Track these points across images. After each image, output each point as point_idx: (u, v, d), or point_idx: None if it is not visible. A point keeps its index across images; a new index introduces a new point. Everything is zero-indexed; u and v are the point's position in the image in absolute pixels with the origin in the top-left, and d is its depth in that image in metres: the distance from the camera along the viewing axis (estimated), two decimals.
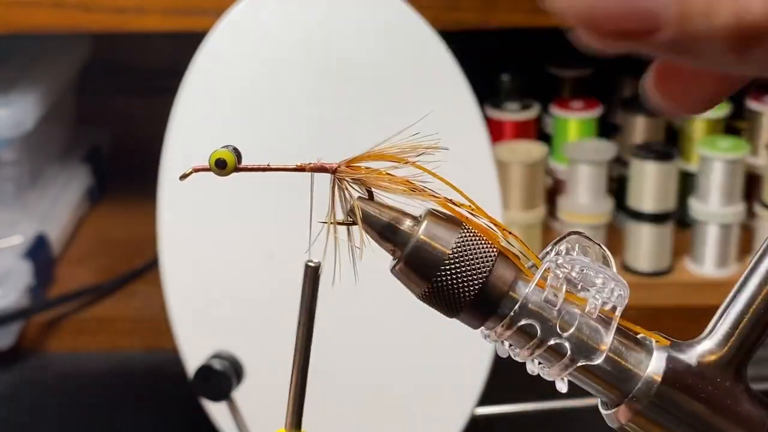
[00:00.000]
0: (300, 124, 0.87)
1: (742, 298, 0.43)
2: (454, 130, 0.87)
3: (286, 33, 0.87)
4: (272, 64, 0.87)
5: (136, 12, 0.99)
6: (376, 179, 0.42)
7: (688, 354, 0.42)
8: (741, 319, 0.42)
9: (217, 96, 0.87)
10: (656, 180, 1.11)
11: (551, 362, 0.42)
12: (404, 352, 0.89)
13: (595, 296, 0.42)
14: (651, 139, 1.18)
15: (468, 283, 0.41)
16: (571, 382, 0.43)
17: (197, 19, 0.98)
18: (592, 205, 1.14)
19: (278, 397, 0.46)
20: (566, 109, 1.19)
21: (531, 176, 1.13)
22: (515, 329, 0.42)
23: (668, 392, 0.42)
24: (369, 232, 0.43)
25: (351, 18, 0.87)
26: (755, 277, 0.43)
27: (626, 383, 0.42)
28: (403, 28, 0.88)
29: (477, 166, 0.88)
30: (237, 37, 0.87)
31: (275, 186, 0.84)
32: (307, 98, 0.87)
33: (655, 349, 0.43)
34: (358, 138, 0.83)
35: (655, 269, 1.13)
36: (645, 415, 0.42)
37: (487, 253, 0.42)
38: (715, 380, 0.42)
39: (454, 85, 0.88)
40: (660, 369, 0.42)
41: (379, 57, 0.88)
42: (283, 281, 0.84)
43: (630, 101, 1.21)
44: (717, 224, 1.12)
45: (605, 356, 0.42)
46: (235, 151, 0.43)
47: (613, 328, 0.42)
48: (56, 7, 0.98)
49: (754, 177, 1.18)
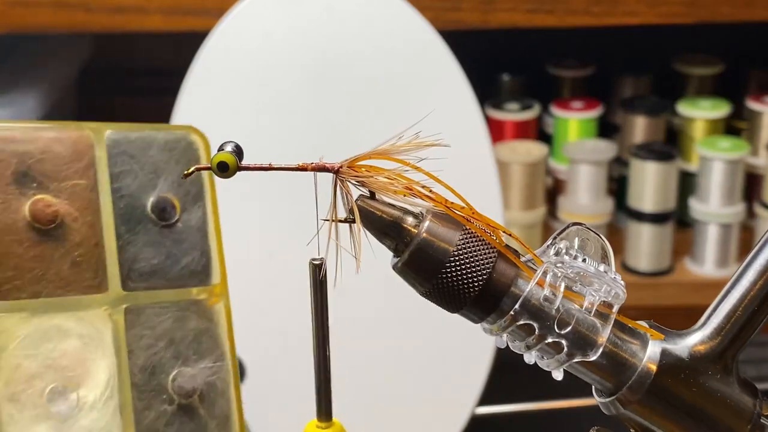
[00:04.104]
0: (301, 124, 0.87)
1: (735, 292, 0.45)
2: (454, 130, 0.87)
3: (286, 33, 0.87)
4: (273, 64, 0.87)
5: (137, 12, 0.99)
6: (376, 180, 0.42)
7: (681, 345, 0.44)
8: (734, 313, 0.44)
9: (218, 96, 0.87)
10: (656, 180, 1.11)
11: (549, 355, 0.43)
12: (404, 352, 0.90)
13: (592, 293, 0.43)
14: (651, 139, 1.18)
15: (471, 280, 0.42)
16: (569, 374, 0.44)
17: (198, 19, 0.98)
18: (592, 205, 1.15)
19: (280, 396, 0.47)
20: (566, 109, 1.19)
21: (531, 176, 1.13)
22: (516, 326, 0.43)
23: (663, 381, 0.43)
24: (370, 230, 0.43)
25: (352, 18, 0.88)
26: (749, 273, 0.45)
27: (622, 373, 0.44)
28: (404, 28, 0.88)
29: (477, 166, 0.88)
30: (238, 38, 0.87)
31: (275, 186, 0.84)
32: (307, 98, 0.87)
33: (650, 340, 0.44)
34: (358, 138, 0.83)
35: (655, 269, 1.13)
36: (641, 403, 0.44)
37: (489, 250, 0.42)
38: (707, 369, 0.44)
39: (454, 85, 0.88)
40: (655, 359, 0.44)
41: (379, 57, 0.88)
42: (284, 281, 0.84)
43: (630, 101, 1.21)
44: (717, 224, 1.12)
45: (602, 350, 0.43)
46: (237, 148, 0.43)
47: (609, 325, 0.43)
48: (57, 6, 0.98)
49: (754, 177, 1.18)
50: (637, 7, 1.02)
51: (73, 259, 0.59)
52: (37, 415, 0.57)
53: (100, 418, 0.59)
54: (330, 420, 0.48)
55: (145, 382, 0.60)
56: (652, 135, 1.18)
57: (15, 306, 0.57)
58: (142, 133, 0.61)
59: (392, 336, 0.89)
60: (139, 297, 0.60)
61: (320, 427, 0.48)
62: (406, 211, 0.43)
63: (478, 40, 1.07)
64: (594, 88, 1.26)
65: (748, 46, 1.26)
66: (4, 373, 0.57)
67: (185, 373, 0.61)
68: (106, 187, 0.60)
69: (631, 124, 1.19)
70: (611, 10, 1.02)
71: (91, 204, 0.60)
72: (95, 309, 0.59)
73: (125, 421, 0.59)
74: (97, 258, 0.59)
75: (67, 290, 0.58)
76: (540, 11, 1.01)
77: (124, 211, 0.60)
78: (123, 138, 0.61)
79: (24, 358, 0.57)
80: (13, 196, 0.58)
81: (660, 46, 1.27)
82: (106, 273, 0.60)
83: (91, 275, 0.59)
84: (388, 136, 0.43)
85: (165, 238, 0.61)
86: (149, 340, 0.60)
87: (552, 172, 1.22)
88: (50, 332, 0.58)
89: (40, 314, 0.58)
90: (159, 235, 0.61)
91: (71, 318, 0.58)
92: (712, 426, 0.44)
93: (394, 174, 0.42)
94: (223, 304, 0.62)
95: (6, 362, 0.57)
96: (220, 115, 0.87)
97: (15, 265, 0.57)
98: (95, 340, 0.59)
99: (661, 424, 0.44)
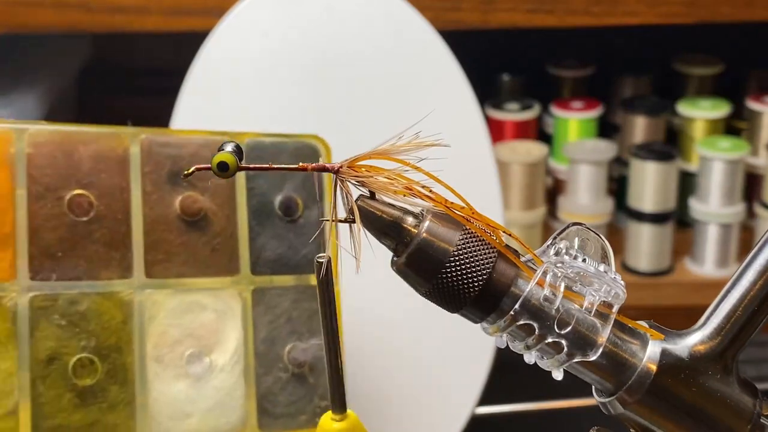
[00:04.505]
0: (301, 124, 0.87)
1: (735, 292, 0.45)
2: (454, 130, 0.87)
3: (286, 33, 0.87)
4: (273, 64, 0.87)
5: (137, 12, 0.99)
6: (376, 180, 0.42)
7: (681, 345, 0.44)
8: (734, 313, 0.44)
9: (218, 96, 0.87)
10: (656, 180, 1.11)
11: (549, 355, 0.43)
12: (404, 352, 0.90)
13: (592, 293, 0.43)
14: (651, 139, 1.18)
15: (471, 280, 0.42)
16: (569, 374, 0.44)
17: (198, 19, 0.98)
18: (592, 205, 1.15)
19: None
20: (566, 109, 1.19)
21: (531, 176, 1.13)
22: (516, 326, 0.43)
23: (663, 381, 0.43)
24: (370, 230, 0.43)
25: (352, 18, 0.88)
26: (749, 273, 0.45)
27: (622, 373, 0.44)
28: (404, 28, 0.88)
29: (477, 166, 0.88)
30: (238, 38, 0.87)
31: None
32: (307, 98, 0.87)
33: (650, 340, 0.44)
34: (358, 138, 0.83)
35: (655, 269, 1.13)
36: (641, 403, 0.44)
37: (489, 250, 0.42)
38: (707, 369, 0.44)
39: (454, 85, 0.88)
40: (655, 359, 0.43)
41: (379, 57, 0.88)
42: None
43: (630, 101, 1.21)
44: (717, 224, 1.12)
45: (602, 350, 0.43)
46: (237, 148, 0.43)
47: (609, 325, 0.43)
48: (57, 6, 0.98)
49: (754, 177, 1.18)
50: (637, 7, 1.02)
51: (213, 246, 0.70)
52: (177, 375, 0.68)
53: (227, 379, 0.69)
54: (344, 412, 0.49)
55: (266, 352, 0.71)
56: (652, 135, 1.18)
57: (164, 284, 0.69)
58: (275, 140, 0.72)
59: (392, 336, 0.89)
60: (265, 280, 0.71)
61: (335, 419, 0.48)
62: (406, 211, 0.43)
63: (478, 40, 1.07)
64: (594, 88, 1.26)
65: (748, 46, 1.26)
66: (153, 338, 0.68)
67: (299, 347, 0.71)
68: (243, 187, 0.71)
69: (631, 124, 1.19)
70: (611, 10, 1.02)
71: (229, 201, 0.70)
72: (228, 289, 0.70)
73: (248, 383, 0.70)
74: (232, 246, 0.71)
75: (206, 272, 0.69)
76: (540, 11, 1.01)
77: (256, 207, 0.71)
78: (259, 144, 0.72)
79: (169, 326, 0.68)
80: (166, 192, 0.69)
81: (660, 46, 1.27)
82: (239, 259, 0.70)
83: (227, 260, 0.70)
84: (387, 136, 0.43)
85: (288, 231, 0.72)
86: (271, 316, 0.71)
87: (552, 172, 1.22)
88: (191, 306, 0.69)
89: (184, 291, 0.69)
90: (284, 229, 0.72)
91: (209, 295, 0.70)
92: (712, 426, 0.44)
93: (394, 174, 0.42)
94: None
95: (155, 329, 0.68)
96: (220, 114, 0.87)
97: (166, 250, 0.69)
98: (227, 314, 0.70)
99: (661, 424, 0.44)
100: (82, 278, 0.66)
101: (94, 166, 0.67)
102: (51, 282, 0.65)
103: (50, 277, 0.66)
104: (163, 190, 0.69)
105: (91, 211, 0.67)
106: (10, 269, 0.65)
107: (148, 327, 0.68)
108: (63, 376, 0.65)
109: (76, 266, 0.66)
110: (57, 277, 0.66)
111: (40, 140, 0.66)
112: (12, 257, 0.65)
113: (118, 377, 0.66)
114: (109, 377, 0.66)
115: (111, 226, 0.67)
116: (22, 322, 0.64)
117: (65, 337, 0.65)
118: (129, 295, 0.67)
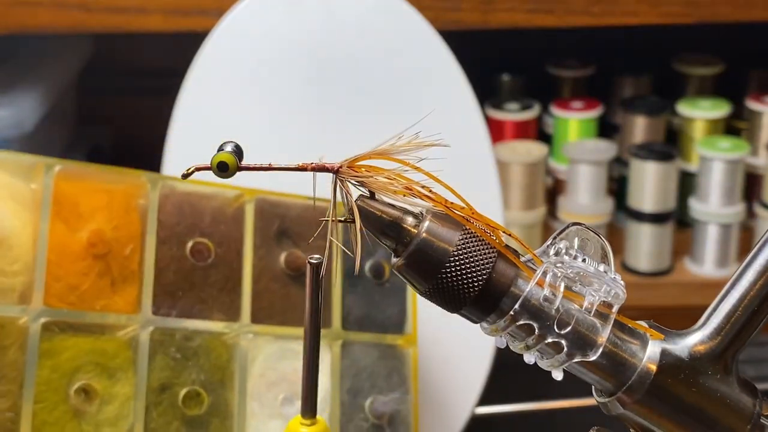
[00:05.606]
0: (301, 124, 0.87)
1: (735, 292, 0.44)
2: (454, 130, 0.87)
3: (286, 33, 0.87)
4: (273, 64, 0.87)
5: (137, 12, 0.99)
6: (376, 180, 0.42)
7: (681, 345, 0.44)
8: (733, 313, 0.44)
9: (219, 96, 0.87)
10: (656, 180, 1.11)
11: (549, 355, 0.43)
12: None
13: (591, 293, 0.43)
14: (651, 139, 1.18)
15: (471, 280, 0.42)
16: (569, 374, 0.44)
17: (198, 20, 0.98)
18: (592, 205, 1.15)
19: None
20: (566, 109, 1.19)
21: (531, 176, 1.13)
22: (515, 326, 0.43)
23: (663, 381, 0.43)
24: (370, 230, 0.43)
25: (351, 18, 0.88)
26: (749, 273, 0.45)
27: (622, 373, 0.43)
28: (404, 28, 0.88)
29: (477, 166, 0.88)
30: (238, 38, 0.87)
31: (275, 185, 0.84)
32: (307, 98, 0.87)
33: (649, 340, 0.44)
34: (358, 138, 0.83)
35: (655, 269, 1.13)
36: (641, 403, 0.44)
37: (489, 250, 0.42)
38: (707, 369, 0.44)
39: (454, 85, 0.88)
40: (655, 359, 0.43)
41: (379, 57, 0.88)
42: None
43: (630, 101, 1.21)
44: (717, 224, 1.12)
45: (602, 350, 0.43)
46: (236, 148, 0.43)
47: (609, 325, 0.43)
48: (57, 7, 0.98)
49: (754, 177, 1.18)
50: (637, 7, 1.02)
51: None
52: (272, 414, 0.72)
53: None
54: (314, 417, 0.48)
55: (349, 402, 0.75)
56: (652, 135, 1.18)
57: (266, 330, 0.73)
58: None
59: None
60: (352, 336, 0.76)
61: (304, 425, 0.48)
62: (405, 211, 0.43)
63: (478, 40, 1.07)
64: (594, 88, 1.26)
65: (748, 46, 1.26)
66: (253, 378, 0.72)
67: (379, 399, 0.76)
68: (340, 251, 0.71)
69: (631, 124, 1.19)
70: (611, 10, 1.02)
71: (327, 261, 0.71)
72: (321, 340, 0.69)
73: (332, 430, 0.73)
74: (327, 302, 0.74)
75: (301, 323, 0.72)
76: (540, 11, 1.01)
77: (348, 269, 0.76)
78: None
79: (267, 369, 0.73)
80: (273, 247, 0.75)
81: (660, 46, 1.27)
82: (331, 314, 0.75)
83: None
84: (388, 136, 0.43)
85: (375, 293, 0.77)
86: (355, 369, 0.76)
87: (552, 172, 1.22)
88: (287, 353, 0.74)
89: (282, 338, 0.74)
90: (372, 290, 0.77)
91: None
92: (712, 426, 0.44)
93: (394, 174, 0.42)
94: (411, 350, 0.78)
95: (255, 370, 0.72)
96: (220, 115, 0.87)
97: (269, 299, 0.74)
98: None
99: (660, 424, 0.44)
100: (197, 317, 0.71)
101: (215, 219, 0.73)
102: (170, 318, 0.70)
103: (170, 314, 0.71)
104: (270, 245, 0.74)
105: (210, 257, 0.73)
106: (135, 303, 0.70)
107: (250, 368, 0.72)
108: (173, 405, 0.69)
109: (192, 306, 0.71)
110: (176, 315, 0.71)
111: (169, 191, 0.72)
112: (138, 293, 0.70)
113: (220, 411, 0.71)
114: (213, 410, 0.70)
115: (225, 273, 0.73)
116: (142, 352, 0.69)
117: (178, 369, 0.70)
118: (235, 338, 0.72)
